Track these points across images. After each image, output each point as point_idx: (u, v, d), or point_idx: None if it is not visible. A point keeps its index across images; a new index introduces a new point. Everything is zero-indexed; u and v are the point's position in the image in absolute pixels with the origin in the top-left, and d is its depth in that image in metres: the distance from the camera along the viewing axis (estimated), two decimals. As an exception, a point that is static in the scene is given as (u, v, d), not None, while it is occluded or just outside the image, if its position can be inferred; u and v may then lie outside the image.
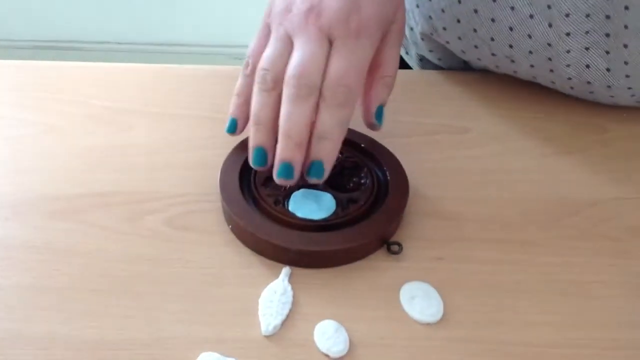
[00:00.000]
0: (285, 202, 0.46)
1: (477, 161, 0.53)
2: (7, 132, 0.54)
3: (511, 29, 0.55)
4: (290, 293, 0.43)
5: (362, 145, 0.51)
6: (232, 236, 0.46)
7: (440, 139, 0.55)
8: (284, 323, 0.41)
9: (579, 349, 0.41)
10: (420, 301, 0.43)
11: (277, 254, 0.45)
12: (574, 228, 0.48)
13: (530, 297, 0.44)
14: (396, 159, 0.50)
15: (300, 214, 0.45)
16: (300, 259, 0.44)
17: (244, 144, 0.50)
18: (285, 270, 0.44)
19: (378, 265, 0.45)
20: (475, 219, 0.48)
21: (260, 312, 0.42)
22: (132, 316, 0.41)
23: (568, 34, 0.52)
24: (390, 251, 0.45)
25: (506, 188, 0.51)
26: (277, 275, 0.44)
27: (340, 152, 0.47)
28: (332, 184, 0.48)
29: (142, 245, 0.45)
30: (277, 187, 0.47)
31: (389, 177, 0.49)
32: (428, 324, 0.42)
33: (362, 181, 0.49)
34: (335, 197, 0.47)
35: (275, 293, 0.43)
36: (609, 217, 0.49)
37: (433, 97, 0.60)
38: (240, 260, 0.45)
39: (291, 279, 0.44)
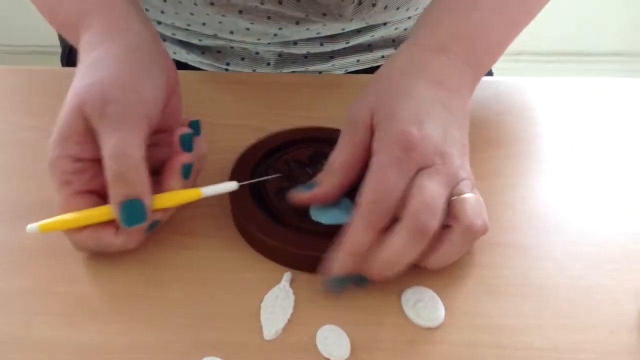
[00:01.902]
0: (307, 213, 0.46)
1: (477, 165, 0.53)
2: (7, 137, 0.54)
3: None
4: (292, 298, 0.43)
5: None
6: (235, 241, 0.46)
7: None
8: (285, 328, 0.41)
9: (580, 352, 0.41)
10: (421, 306, 0.43)
11: (304, 263, 0.45)
12: (574, 232, 0.48)
13: (531, 301, 0.44)
14: None
15: (325, 221, 0.45)
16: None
17: (253, 149, 0.50)
18: (287, 275, 0.44)
19: (379, 269, 0.45)
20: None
21: (262, 317, 0.42)
22: (135, 320, 0.42)
23: None
24: None
25: (505, 192, 0.51)
26: (279, 280, 0.44)
27: None
28: None
29: (145, 250, 0.45)
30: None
31: None
32: (429, 329, 0.42)
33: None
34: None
35: (277, 298, 0.43)
36: (608, 220, 0.49)
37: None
38: (242, 265, 0.45)
39: (293, 283, 0.44)
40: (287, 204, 0.47)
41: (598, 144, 0.56)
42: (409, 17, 0.69)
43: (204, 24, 0.65)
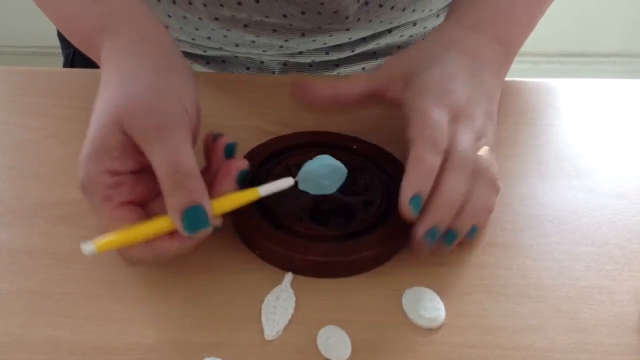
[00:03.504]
0: (307, 217, 0.46)
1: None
2: (9, 137, 0.54)
3: None
4: (293, 298, 0.43)
5: (355, 147, 0.52)
6: (235, 242, 0.46)
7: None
8: (286, 328, 0.41)
9: (580, 353, 0.41)
10: (422, 306, 0.43)
11: (304, 266, 0.45)
12: (574, 232, 0.48)
13: (531, 301, 0.44)
14: (395, 158, 0.51)
15: (313, 191, 0.44)
16: (324, 269, 0.45)
17: (254, 152, 0.50)
18: (288, 276, 0.44)
19: (380, 270, 0.45)
20: (476, 224, 0.49)
21: (263, 318, 0.42)
22: (134, 321, 0.42)
23: None
24: None
25: (505, 193, 0.51)
26: (280, 281, 0.44)
27: (338, 157, 0.48)
28: (339, 188, 0.48)
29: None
30: (293, 203, 0.47)
31: (395, 176, 0.49)
32: (430, 329, 0.42)
33: (368, 182, 0.49)
34: (352, 204, 0.47)
35: (278, 298, 0.43)
36: (608, 221, 0.49)
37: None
38: (243, 266, 0.45)
39: (293, 284, 0.44)
40: (287, 208, 0.47)
41: (599, 145, 0.56)
42: (414, 24, 0.69)
43: (209, 38, 0.65)
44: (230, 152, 0.44)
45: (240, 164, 0.43)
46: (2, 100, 0.58)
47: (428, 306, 0.43)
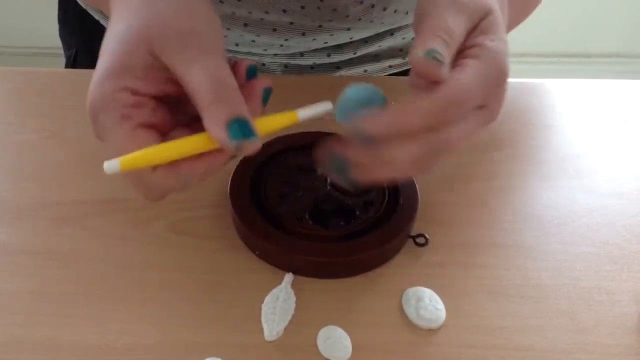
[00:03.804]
0: (306, 218, 0.46)
1: (477, 167, 0.53)
2: (9, 138, 0.54)
3: None
4: (293, 299, 0.43)
5: None
6: (235, 242, 0.46)
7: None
8: (286, 329, 0.41)
9: (580, 353, 0.41)
10: (422, 307, 0.43)
11: (304, 266, 0.45)
12: (574, 233, 0.48)
13: (531, 302, 0.44)
14: None
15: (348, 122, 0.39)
16: (324, 270, 0.45)
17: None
18: (288, 277, 0.44)
19: (380, 271, 0.45)
20: (476, 224, 0.49)
21: (263, 318, 0.42)
22: (135, 321, 0.42)
23: None
24: (417, 244, 0.46)
25: (505, 194, 0.51)
26: (280, 281, 0.44)
27: None
28: (338, 188, 0.48)
29: (146, 251, 0.46)
30: (293, 203, 0.47)
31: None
32: (430, 329, 0.42)
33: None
34: (352, 205, 0.48)
35: (278, 299, 0.43)
36: (608, 222, 0.49)
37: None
38: (243, 266, 0.45)
39: (294, 284, 0.44)
40: (287, 208, 0.47)
41: (600, 145, 0.56)
42: None
43: None
44: (252, 73, 0.41)
45: (264, 82, 0.40)
46: (2, 100, 0.58)
47: (428, 307, 0.43)
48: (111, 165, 0.35)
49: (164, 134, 0.38)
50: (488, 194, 0.51)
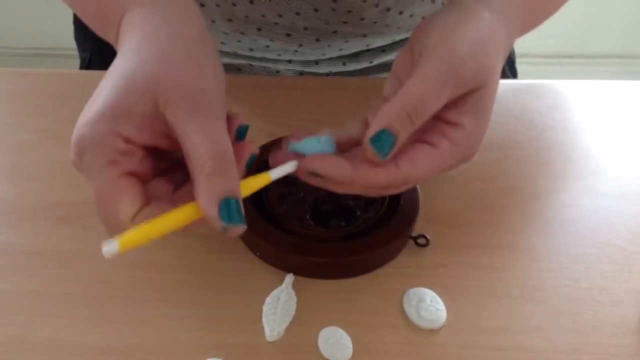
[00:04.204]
0: (307, 218, 0.46)
1: (479, 168, 0.53)
2: (10, 138, 0.54)
3: None
4: (293, 299, 0.43)
5: None
6: (237, 243, 0.46)
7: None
8: (287, 329, 0.41)
9: (581, 354, 0.41)
10: (423, 307, 0.43)
11: (306, 268, 0.45)
12: (576, 234, 0.48)
13: (532, 302, 0.44)
14: None
15: (307, 151, 0.41)
16: (325, 270, 0.45)
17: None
18: (289, 277, 0.44)
19: (381, 271, 0.45)
20: (477, 225, 0.49)
21: (264, 319, 0.42)
22: (135, 322, 0.42)
23: None
24: (418, 245, 0.46)
25: (506, 195, 0.51)
26: (280, 282, 0.44)
27: None
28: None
29: (146, 252, 0.45)
30: (293, 204, 0.47)
31: None
32: (431, 330, 0.42)
33: None
34: (352, 205, 0.47)
35: (279, 299, 0.43)
36: (609, 222, 0.49)
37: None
38: (244, 266, 0.45)
39: (294, 285, 0.44)
40: (288, 209, 0.47)
41: (600, 146, 0.56)
42: None
43: (222, 43, 0.64)
44: (241, 134, 0.40)
45: (252, 147, 0.40)
46: (3, 101, 0.58)
47: (429, 307, 0.43)
48: (111, 247, 0.35)
49: (145, 182, 0.37)
50: (489, 194, 0.51)
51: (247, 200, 0.47)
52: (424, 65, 0.38)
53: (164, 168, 0.38)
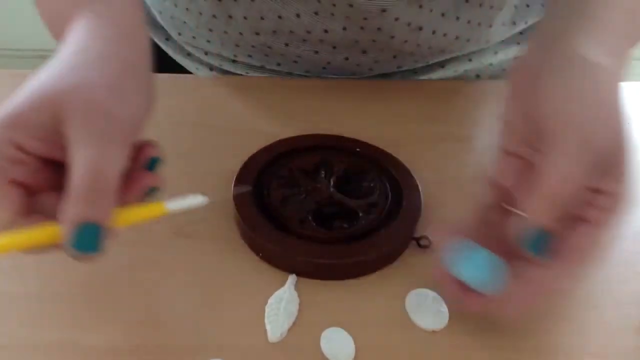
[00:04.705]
0: (309, 220, 0.46)
1: (481, 169, 0.53)
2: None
3: None
4: (296, 300, 0.43)
5: (357, 149, 0.52)
6: (239, 244, 0.47)
7: (444, 147, 0.55)
8: (290, 330, 0.42)
9: (583, 355, 0.41)
10: (425, 308, 0.43)
11: (306, 268, 0.45)
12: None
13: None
14: (399, 161, 0.51)
15: (466, 276, 0.40)
16: (331, 272, 0.45)
17: (257, 156, 0.51)
18: (292, 278, 0.44)
19: (383, 273, 0.45)
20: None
21: (266, 319, 0.42)
22: (139, 323, 0.42)
23: None
24: (420, 246, 0.46)
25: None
26: (283, 283, 0.44)
27: (341, 160, 0.49)
28: (341, 190, 0.48)
29: (150, 253, 0.46)
30: (296, 205, 0.47)
31: (398, 178, 0.49)
32: (433, 331, 0.42)
33: (372, 185, 0.49)
34: (355, 207, 0.48)
35: (281, 300, 0.43)
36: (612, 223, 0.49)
37: (429, 104, 0.60)
38: (246, 268, 0.45)
39: (297, 286, 0.44)
40: (290, 211, 0.47)
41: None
42: (470, 59, 0.65)
43: (249, 55, 0.64)
44: (152, 166, 0.40)
45: (154, 180, 0.39)
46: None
47: (431, 308, 0.43)
48: None
49: (35, 193, 0.37)
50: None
51: (250, 202, 0.47)
52: (559, 147, 0.37)
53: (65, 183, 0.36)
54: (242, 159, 0.50)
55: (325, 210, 0.48)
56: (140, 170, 0.39)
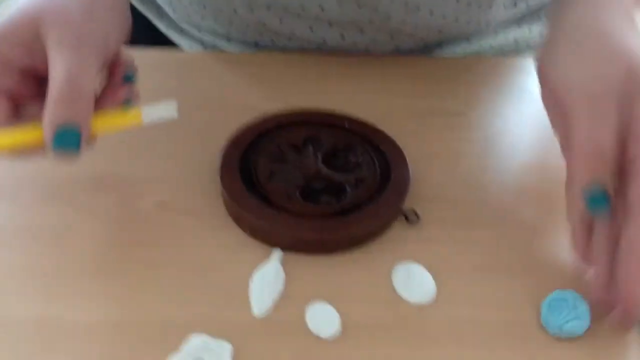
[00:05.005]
0: (296, 195, 0.46)
1: (472, 144, 0.53)
2: None
3: None
4: (282, 275, 0.43)
5: (346, 125, 0.51)
6: (225, 219, 0.46)
7: (434, 122, 0.55)
8: (275, 305, 0.41)
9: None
10: (412, 282, 0.42)
11: (292, 243, 0.45)
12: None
13: (524, 277, 0.43)
14: (387, 136, 0.50)
15: (557, 330, 0.40)
16: (317, 246, 0.45)
17: (245, 130, 0.50)
18: (277, 253, 0.44)
19: (370, 247, 0.45)
20: (468, 201, 0.48)
21: (251, 294, 0.41)
22: (122, 298, 0.41)
23: None
24: (409, 221, 0.46)
25: (501, 171, 0.51)
26: (268, 258, 0.44)
27: (330, 135, 0.49)
28: (329, 165, 0.48)
29: (134, 228, 0.45)
30: (283, 180, 0.47)
31: (387, 153, 0.49)
32: (420, 305, 0.42)
33: (360, 160, 0.48)
34: (343, 182, 0.47)
35: (267, 275, 0.42)
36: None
37: (420, 80, 0.59)
38: (232, 243, 0.45)
39: (283, 261, 0.44)
40: (277, 185, 0.46)
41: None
42: (468, 39, 0.64)
43: (243, 32, 0.63)
44: (127, 79, 0.44)
45: (128, 92, 0.43)
46: None
47: (418, 282, 0.42)
48: None
49: (19, 101, 0.42)
50: (480, 171, 0.51)
51: (236, 177, 0.47)
52: (574, 115, 0.40)
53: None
54: (231, 134, 0.50)
55: (313, 185, 0.47)
56: (117, 85, 0.43)
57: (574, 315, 0.41)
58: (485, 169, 0.51)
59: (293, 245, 0.44)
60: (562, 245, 0.45)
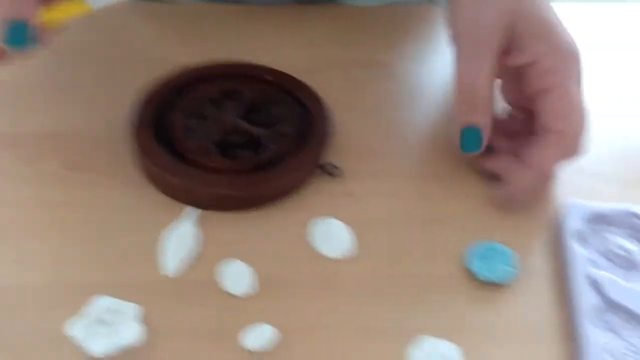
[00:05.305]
0: (212, 151, 0.44)
1: (393, 97, 0.51)
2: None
3: None
4: (194, 233, 0.41)
5: (268, 77, 0.49)
6: (137, 178, 0.44)
7: (359, 73, 0.53)
8: (186, 264, 0.39)
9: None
10: (330, 237, 0.41)
11: (206, 200, 0.43)
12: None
13: (444, 228, 0.43)
14: (309, 87, 0.48)
15: (485, 275, 0.40)
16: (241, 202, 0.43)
17: (161, 86, 0.48)
18: (189, 210, 0.42)
19: (288, 203, 0.43)
20: (388, 154, 0.47)
21: (161, 253, 0.40)
22: (26, 261, 0.39)
23: None
24: (329, 174, 0.45)
25: (422, 124, 0.49)
26: (182, 216, 0.42)
27: (250, 88, 0.47)
28: (250, 120, 0.46)
29: (38, 189, 0.43)
30: (199, 135, 0.45)
31: (309, 106, 0.47)
32: (338, 260, 0.40)
33: (281, 113, 0.47)
34: (262, 136, 0.45)
35: (179, 234, 0.41)
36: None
37: (347, 30, 0.57)
38: (145, 202, 0.43)
39: (200, 219, 0.42)
40: (193, 141, 0.44)
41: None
42: None
43: None
44: None
45: None
46: None
47: (337, 237, 0.41)
48: None
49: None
50: (403, 123, 0.49)
51: (149, 133, 0.44)
52: (458, 51, 0.43)
53: None
54: (145, 88, 0.47)
55: (231, 140, 0.45)
56: None
57: (500, 261, 0.40)
58: (406, 121, 0.49)
59: (209, 202, 0.43)
60: (480, 195, 0.44)
